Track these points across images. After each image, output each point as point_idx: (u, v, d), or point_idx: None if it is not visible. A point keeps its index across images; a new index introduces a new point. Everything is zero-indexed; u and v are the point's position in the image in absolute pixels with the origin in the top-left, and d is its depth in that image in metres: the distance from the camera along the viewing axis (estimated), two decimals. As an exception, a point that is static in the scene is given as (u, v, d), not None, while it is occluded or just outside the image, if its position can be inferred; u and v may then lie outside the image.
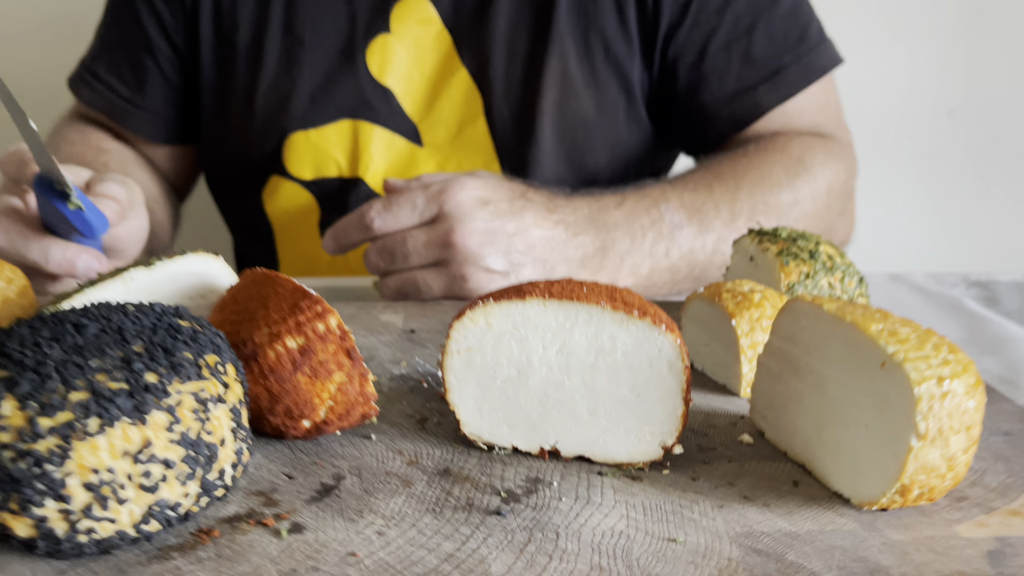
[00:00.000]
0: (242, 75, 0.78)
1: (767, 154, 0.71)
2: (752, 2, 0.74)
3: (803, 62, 0.75)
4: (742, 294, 0.37)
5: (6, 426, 0.23)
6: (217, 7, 0.78)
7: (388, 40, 0.75)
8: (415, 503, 0.28)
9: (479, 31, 0.74)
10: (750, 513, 0.28)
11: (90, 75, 0.83)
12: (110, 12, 0.85)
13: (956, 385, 0.26)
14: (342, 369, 0.30)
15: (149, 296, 0.34)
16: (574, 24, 0.74)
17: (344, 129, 0.77)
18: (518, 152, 0.75)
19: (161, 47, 0.81)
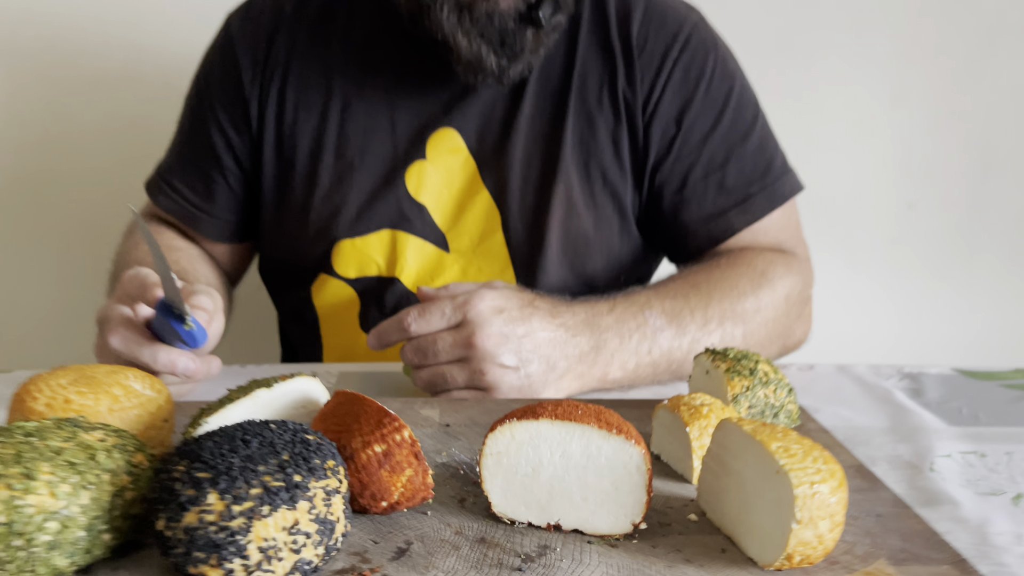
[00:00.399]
0: (299, 191, 0.92)
1: (735, 267, 0.85)
2: (726, 139, 0.89)
3: (768, 191, 0.89)
4: (695, 407, 0.51)
5: (211, 510, 0.37)
6: (279, 134, 0.92)
7: (424, 165, 0.89)
8: (462, 562, 0.41)
9: (499, 160, 0.89)
10: (690, 571, 0.41)
11: (166, 184, 0.97)
12: (185, 131, 0.98)
13: (823, 488, 0.40)
14: (411, 467, 0.44)
15: (268, 408, 0.48)
16: (577, 156, 0.88)
17: (384, 237, 0.90)
18: (529, 260, 0.89)
19: (229, 165, 0.95)
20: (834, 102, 1.44)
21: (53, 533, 0.37)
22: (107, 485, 0.39)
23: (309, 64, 0.92)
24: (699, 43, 0.90)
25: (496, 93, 0.89)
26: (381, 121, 0.90)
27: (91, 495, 0.38)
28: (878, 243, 1.51)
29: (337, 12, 0.92)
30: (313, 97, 0.91)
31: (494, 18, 0.81)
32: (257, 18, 0.94)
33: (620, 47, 0.89)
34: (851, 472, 0.52)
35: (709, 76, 0.89)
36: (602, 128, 0.89)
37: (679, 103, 0.88)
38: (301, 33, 0.92)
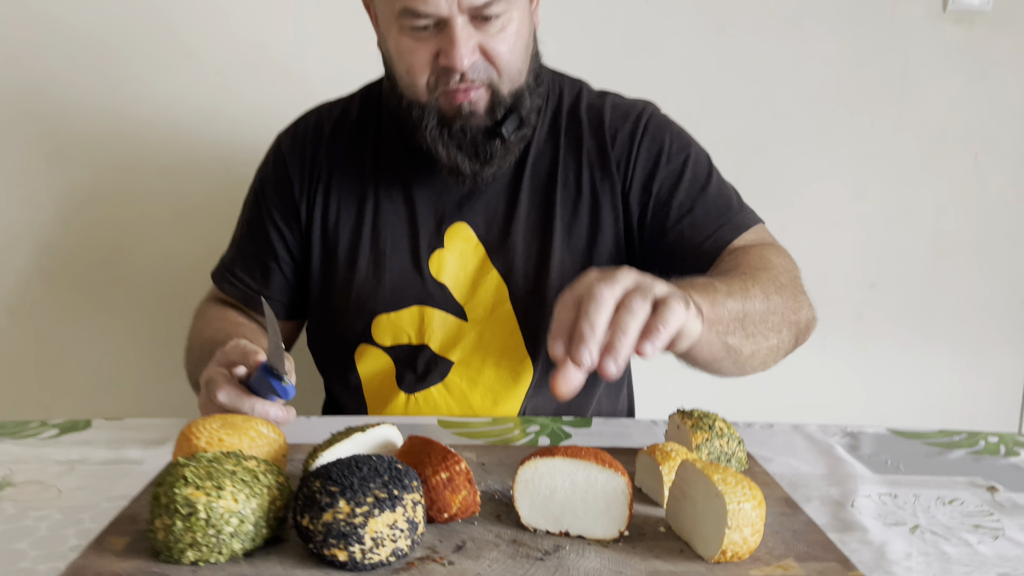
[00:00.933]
0: (342, 276, 1.08)
1: (736, 263, 0.95)
2: (689, 192, 1.04)
3: (733, 221, 1.03)
4: (666, 452, 0.70)
5: (341, 511, 0.56)
6: (324, 229, 1.10)
7: (443, 253, 1.07)
8: (502, 554, 0.60)
9: (503, 245, 1.06)
10: (658, 564, 0.60)
11: (229, 274, 1.15)
12: (244, 229, 1.15)
13: (747, 505, 0.59)
14: (466, 488, 0.63)
15: (362, 447, 0.67)
16: (565, 237, 1.06)
17: (414, 312, 1.07)
18: (533, 324, 1.06)
19: (283, 256, 1.12)
20: (804, 197, 1.63)
21: (234, 526, 0.56)
22: (266, 495, 0.59)
23: (346, 172, 1.09)
24: (655, 127, 1.07)
25: (498, 191, 1.06)
26: (406, 217, 1.07)
27: (257, 501, 0.58)
28: (844, 318, 1.67)
29: (366, 130, 1.11)
30: (350, 199, 1.09)
31: (467, 133, 0.98)
32: (303, 137, 1.12)
33: (595, 144, 1.06)
34: (779, 502, 0.71)
35: (667, 150, 1.06)
36: (584, 210, 1.06)
37: (646, 175, 1.05)
38: (338, 148, 1.10)
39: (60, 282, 1.60)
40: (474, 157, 1.00)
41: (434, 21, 0.94)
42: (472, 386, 1.07)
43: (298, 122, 1.16)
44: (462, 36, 0.93)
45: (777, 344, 0.91)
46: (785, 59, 1.60)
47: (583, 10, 1.56)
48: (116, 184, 1.58)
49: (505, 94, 0.98)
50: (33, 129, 1.55)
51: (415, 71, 0.97)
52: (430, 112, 0.98)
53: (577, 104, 1.09)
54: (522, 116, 1.01)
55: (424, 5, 0.92)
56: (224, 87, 1.57)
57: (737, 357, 0.85)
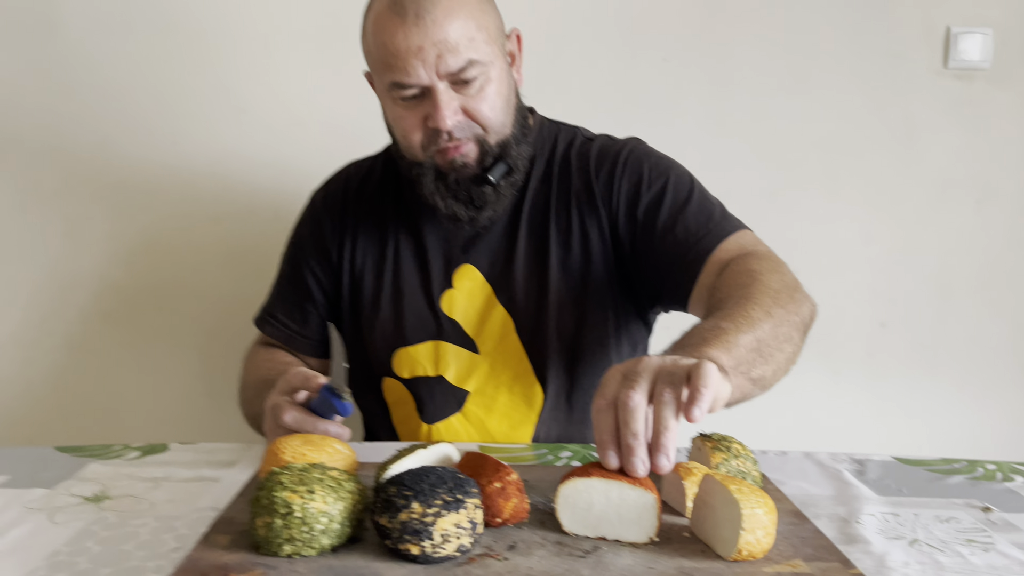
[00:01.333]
0: (367, 314, 1.20)
1: (727, 284, 0.99)
2: (670, 212, 1.12)
3: (715, 230, 1.09)
4: (689, 470, 0.80)
5: (414, 511, 0.66)
6: (352, 274, 1.22)
7: (453, 292, 1.18)
8: (548, 552, 0.70)
9: (506, 282, 1.17)
10: (684, 562, 0.69)
11: (271, 317, 1.27)
12: (284, 275, 1.28)
13: (759, 510, 0.68)
14: (516, 497, 0.73)
15: (425, 460, 0.77)
16: (560, 270, 1.15)
17: (430, 346, 1.17)
18: (539, 351, 1.16)
19: (319, 299, 1.24)
20: (814, 242, 1.72)
21: (324, 524, 0.67)
22: (348, 499, 0.69)
23: (370, 223, 1.22)
24: (634, 160, 1.16)
25: (499, 234, 1.17)
26: (420, 263, 1.19)
27: (342, 504, 0.68)
28: (856, 356, 1.76)
29: (387, 185, 1.25)
30: (374, 246, 1.22)
31: (460, 183, 1.10)
32: (333, 194, 1.27)
33: (582, 184, 1.17)
34: (789, 514, 0.80)
35: (647, 177, 1.14)
36: (577, 244, 1.15)
37: (629, 204, 1.14)
38: (363, 202, 1.24)
39: (119, 320, 1.72)
40: (469, 204, 1.12)
41: (419, 90, 1.06)
42: (488, 413, 1.17)
43: (330, 181, 1.31)
44: (444, 100, 1.05)
45: (792, 351, 0.95)
46: (794, 113, 1.72)
47: (605, 67, 1.69)
48: (173, 230, 1.71)
49: (493, 144, 1.10)
50: (100, 180, 1.69)
51: (409, 135, 1.10)
52: (427, 169, 1.11)
53: (569, 150, 1.21)
54: (509, 163, 1.13)
55: (407, 77, 1.04)
56: (273, 141, 1.70)
57: (764, 383, 0.89)
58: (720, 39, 1.70)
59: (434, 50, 1.02)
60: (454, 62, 1.03)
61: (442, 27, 1.02)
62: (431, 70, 1.03)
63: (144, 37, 1.66)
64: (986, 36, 1.69)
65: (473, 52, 1.04)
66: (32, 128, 1.67)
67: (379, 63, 1.08)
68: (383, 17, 1.05)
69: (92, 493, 0.90)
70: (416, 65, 1.03)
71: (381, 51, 1.06)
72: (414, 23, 1.02)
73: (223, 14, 1.66)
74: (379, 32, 1.06)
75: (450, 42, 1.03)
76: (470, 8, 1.05)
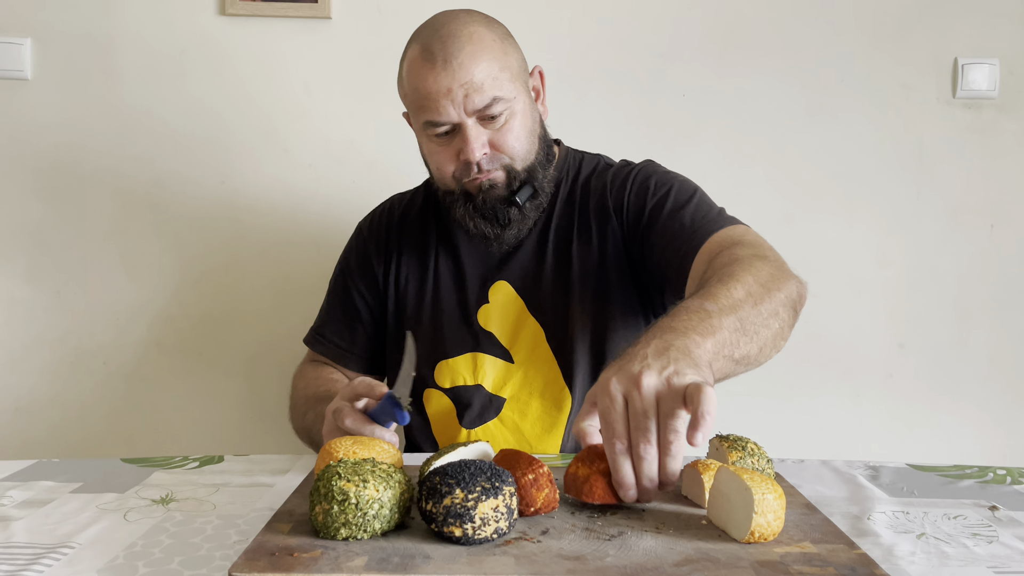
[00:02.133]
0: (410, 329, 1.27)
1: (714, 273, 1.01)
2: (672, 210, 1.20)
3: (710, 223, 1.15)
4: (706, 464, 0.87)
5: (457, 497, 0.73)
6: (397, 293, 1.34)
7: (488, 307, 1.28)
8: (578, 536, 0.77)
9: (536, 295, 1.27)
10: (702, 544, 0.76)
11: (320, 336, 1.38)
12: (332, 299, 1.39)
13: (769, 496, 0.75)
14: (548, 488, 0.80)
15: (464, 455, 0.85)
16: (581, 282, 1.25)
17: (468, 358, 1.27)
18: (567, 359, 1.24)
19: (366, 318, 1.35)
20: (832, 267, 1.79)
21: (376, 510, 0.74)
22: (397, 488, 0.77)
23: (413, 247, 1.34)
24: (644, 175, 1.27)
25: (529, 253, 1.28)
26: (458, 280, 1.30)
27: (392, 492, 0.76)
28: (876, 377, 1.81)
29: (428, 212, 1.36)
30: (416, 267, 1.33)
31: (487, 204, 1.20)
32: (379, 222, 1.39)
33: (598, 202, 1.27)
34: (801, 505, 0.87)
35: (653, 187, 1.24)
36: (595, 256, 1.25)
37: (637, 210, 1.24)
38: (406, 228, 1.36)
39: (172, 349, 1.82)
40: (495, 223, 1.22)
41: (450, 127, 1.17)
42: (523, 418, 1.26)
43: (375, 210, 1.43)
44: (472, 135, 1.16)
45: (779, 327, 0.98)
46: (811, 143, 1.79)
47: (626, 104, 1.78)
48: (223, 263, 1.82)
49: (520, 170, 1.22)
50: (154, 217, 1.80)
51: (443, 167, 1.21)
52: (459, 196, 1.22)
53: (591, 175, 1.33)
54: (535, 186, 1.24)
55: (439, 116, 1.16)
56: (316, 178, 1.80)
57: (749, 361, 0.93)
58: (736, 75, 1.79)
59: (461, 91, 1.14)
60: (480, 100, 1.14)
61: (468, 70, 1.14)
62: (460, 108, 1.15)
63: (196, 83, 1.78)
64: (993, 66, 1.76)
65: (497, 90, 1.15)
66: (94, 170, 1.79)
67: (414, 105, 1.20)
68: (416, 64, 1.17)
69: (159, 496, 0.98)
70: (446, 105, 1.15)
71: (415, 94, 1.18)
72: (443, 68, 1.14)
73: (268, 62, 1.78)
74: (412, 77, 1.18)
75: (476, 82, 1.14)
76: (493, 51, 1.16)
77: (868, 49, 1.78)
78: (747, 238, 1.11)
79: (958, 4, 1.77)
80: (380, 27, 1.78)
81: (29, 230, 1.80)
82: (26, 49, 1.76)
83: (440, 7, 1.72)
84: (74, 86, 1.78)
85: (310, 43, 1.77)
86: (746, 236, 1.12)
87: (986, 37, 1.77)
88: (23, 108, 1.78)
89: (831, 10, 1.77)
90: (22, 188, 1.79)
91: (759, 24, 1.78)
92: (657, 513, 0.84)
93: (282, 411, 1.75)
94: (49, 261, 1.80)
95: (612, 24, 1.77)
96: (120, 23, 1.77)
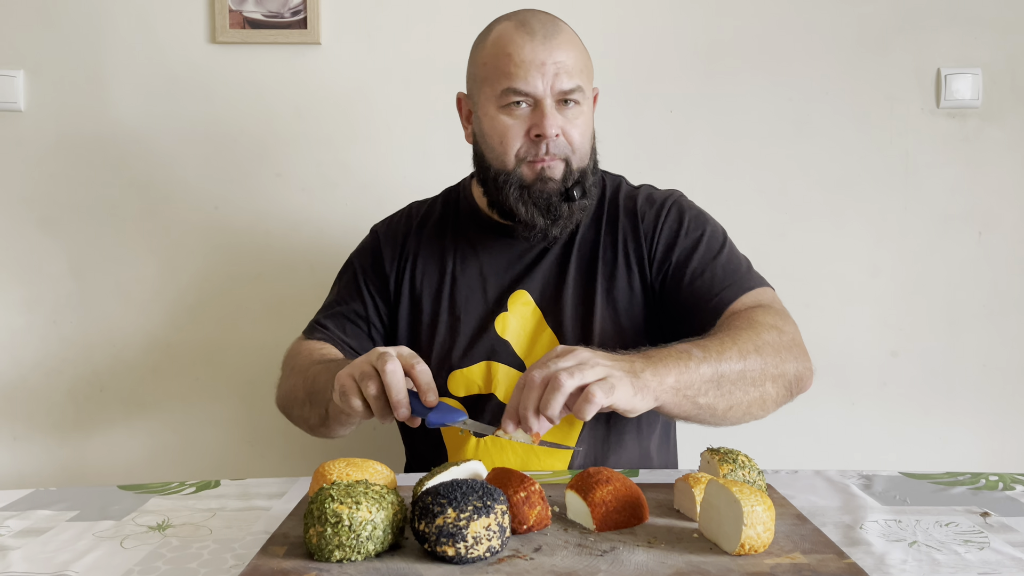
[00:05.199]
0: (424, 338, 1.28)
1: (735, 325, 1.09)
2: (702, 260, 1.23)
3: (739, 282, 1.20)
4: (697, 478, 0.88)
5: (449, 517, 0.74)
6: (411, 298, 1.31)
7: (506, 316, 1.28)
8: (571, 552, 0.78)
9: (555, 308, 1.27)
10: (693, 558, 0.77)
11: (320, 327, 1.32)
12: (341, 291, 1.35)
13: (759, 508, 0.76)
14: (540, 505, 0.81)
15: (457, 475, 0.85)
16: (605, 300, 1.26)
17: (483, 367, 1.25)
18: None
19: (375, 322, 1.32)
20: (822, 276, 1.80)
21: (369, 531, 0.75)
22: (390, 509, 0.77)
23: (429, 253, 1.32)
24: (677, 208, 1.29)
25: (551, 265, 1.27)
26: (477, 287, 1.29)
27: (385, 513, 0.77)
28: (870, 385, 1.81)
29: (447, 221, 1.36)
30: (433, 274, 1.31)
31: (543, 195, 1.20)
32: (396, 226, 1.38)
33: (628, 223, 1.28)
34: (792, 516, 0.87)
35: (686, 227, 1.26)
36: (621, 277, 1.26)
37: (666, 247, 1.25)
38: (424, 234, 1.34)
39: (167, 374, 1.83)
40: (547, 214, 1.22)
41: (530, 101, 1.18)
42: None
43: (393, 216, 1.42)
44: (551, 112, 1.18)
45: (760, 396, 1.05)
46: (798, 154, 1.81)
47: (614, 121, 1.79)
48: (218, 289, 1.82)
49: (575, 168, 1.21)
50: (149, 244, 1.81)
51: (508, 141, 1.20)
52: (513, 179, 1.21)
53: (616, 195, 1.33)
54: (585, 188, 1.24)
55: (525, 85, 1.17)
56: (309, 201, 1.82)
57: (713, 412, 1.01)
58: (723, 89, 1.80)
59: (553, 68, 1.17)
60: (568, 82, 1.17)
61: (564, 51, 1.18)
62: (547, 84, 1.17)
63: (188, 111, 1.80)
64: (976, 76, 1.78)
65: (581, 80, 1.19)
66: (88, 198, 1.80)
67: (496, 72, 1.19)
68: (511, 32, 1.19)
69: (156, 523, 0.99)
70: (536, 76, 1.16)
71: (503, 60, 1.18)
72: (542, 41, 1.17)
73: (259, 88, 1.80)
74: (506, 44, 1.19)
75: (567, 65, 1.18)
76: (581, 48, 1.22)
77: (852, 61, 1.80)
78: (774, 306, 1.17)
79: (939, 15, 1.79)
80: (369, 52, 1.80)
81: (25, 259, 1.81)
82: (19, 81, 1.78)
83: (431, 31, 1.76)
84: (67, 116, 1.79)
85: (300, 68, 1.79)
86: (773, 304, 1.19)
87: (968, 47, 1.79)
88: (17, 139, 1.79)
89: (815, 23, 1.80)
90: (17, 218, 1.80)
91: (744, 38, 1.80)
92: (649, 527, 0.85)
93: (279, 435, 1.76)
94: (45, 290, 1.81)
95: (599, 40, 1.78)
96: (111, 53, 1.78)
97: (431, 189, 1.43)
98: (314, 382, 1.16)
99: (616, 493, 0.83)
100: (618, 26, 1.80)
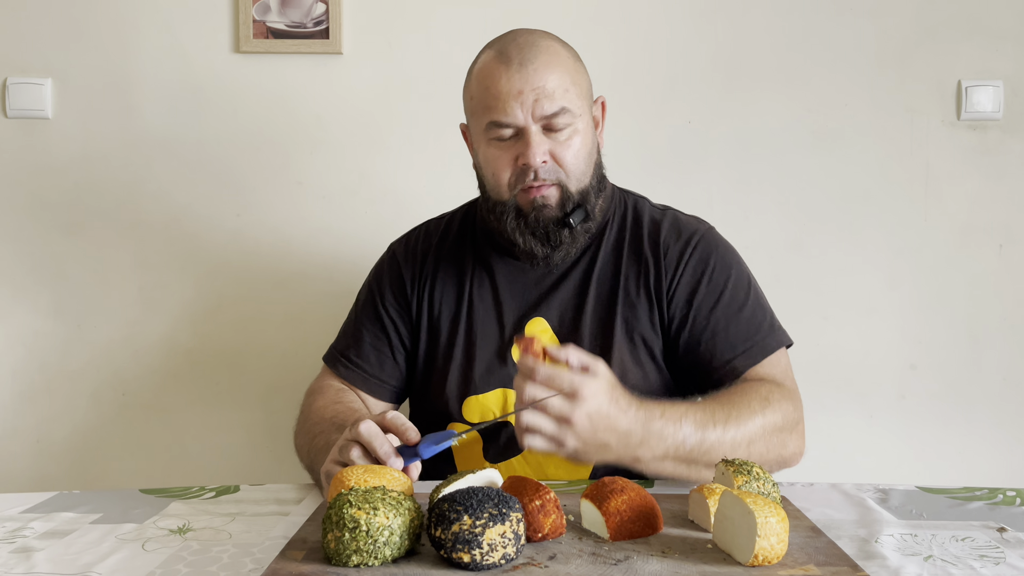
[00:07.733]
0: (441, 363, 1.27)
1: (747, 394, 1.13)
2: (726, 312, 1.22)
3: (760, 344, 1.21)
4: (711, 489, 0.88)
5: (465, 524, 0.75)
6: (430, 321, 1.30)
7: None
8: (585, 561, 0.78)
9: (573, 336, 1.25)
10: (707, 568, 0.77)
11: (344, 358, 1.31)
12: (360, 319, 1.33)
13: (772, 519, 0.76)
14: (555, 514, 0.82)
15: (473, 483, 0.86)
16: (624, 331, 1.24)
17: (499, 393, 1.23)
18: None
19: (396, 344, 1.31)
20: (842, 288, 1.80)
21: (386, 537, 0.76)
22: (407, 515, 0.78)
23: (448, 274, 1.31)
24: (704, 247, 1.26)
25: (570, 292, 1.25)
26: (494, 314, 1.27)
27: (402, 519, 0.78)
28: (888, 398, 1.81)
29: (465, 239, 1.34)
30: (451, 296, 1.30)
31: (540, 222, 1.19)
32: (414, 245, 1.36)
33: (651, 253, 1.26)
34: (806, 529, 0.88)
35: (711, 270, 1.24)
36: (641, 310, 1.23)
37: (689, 290, 1.23)
38: (443, 255, 1.33)
39: (189, 380, 1.85)
40: (545, 242, 1.21)
41: (514, 131, 1.17)
42: (548, 457, 1.24)
43: (410, 233, 1.41)
44: (536, 140, 1.16)
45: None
46: (819, 167, 1.81)
47: (633, 133, 1.80)
48: (239, 295, 1.85)
49: (573, 191, 1.21)
50: (172, 251, 1.84)
51: (499, 172, 1.19)
52: (510, 208, 1.21)
53: (639, 218, 1.31)
54: (587, 210, 1.23)
55: (505, 116, 1.16)
56: (329, 209, 1.84)
57: (691, 468, 1.06)
58: (742, 101, 1.81)
59: (532, 95, 1.15)
60: (549, 107, 1.15)
61: (541, 75, 1.15)
62: (528, 112, 1.15)
63: (212, 119, 1.83)
64: (997, 88, 1.78)
65: (566, 102, 1.16)
66: (113, 205, 1.83)
67: (480, 105, 1.19)
68: (489, 64, 1.18)
69: (177, 526, 1.00)
70: (515, 107, 1.15)
71: (484, 94, 1.18)
72: (517, 70, 1.15)
73: (281, 98, 1.82)
74: (484, 77, 1.18)
75: (547, 89, 1.15)
76: (567, 65, 1.19)
77: (872, 73, 1.80)
78: (786, 383, 1.20)
79: (960, 27, 1.79)
80: (390, 62, 1.82)
81: (51, 265, 1.84)
82: (47, 89, 1.81)
83: (452, 41, 1.78)
84: (93, 124, 1.82)
85: (322, 78, 1.81)
86: (786, 381, 1.21)
87: (989, 59, 1.79)
88: (44, 146, 1.83)
89: (834, 35, 1.80)
90: (44, 224, 1.83)
91: (764, 50, 1.80)
92: (663, 537, 0.86)
93: (298, 440, 1.78)
94: (70, 295, 1.84)
95: (618, 53, 1.80)
96: (137, 62, 1.82)
97: (449, 198, 1.44)
98: (312, 460, 1.17)
99: (631, 503, 0.84)
100: (638, 39, 1.81)
